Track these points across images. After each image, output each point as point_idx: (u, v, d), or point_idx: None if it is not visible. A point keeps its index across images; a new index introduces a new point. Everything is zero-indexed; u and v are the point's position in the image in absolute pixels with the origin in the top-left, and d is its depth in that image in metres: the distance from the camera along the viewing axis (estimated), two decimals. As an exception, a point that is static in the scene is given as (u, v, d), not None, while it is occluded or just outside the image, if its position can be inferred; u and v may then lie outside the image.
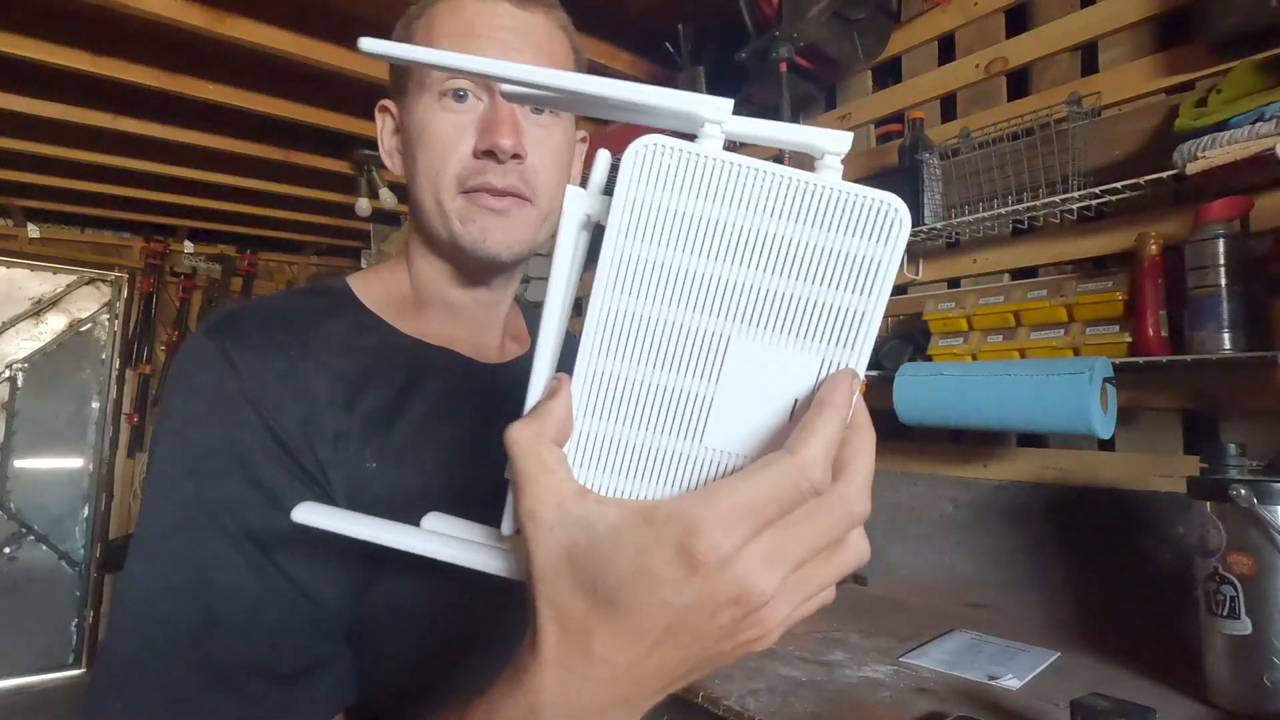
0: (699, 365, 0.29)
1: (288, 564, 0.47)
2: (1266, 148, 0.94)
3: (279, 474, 0.48)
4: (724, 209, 0.28)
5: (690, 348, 0.29)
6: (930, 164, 1.39)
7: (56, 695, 3.33)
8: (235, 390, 0.48)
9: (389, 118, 0.64)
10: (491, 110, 0.57)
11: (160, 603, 0.45)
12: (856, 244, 0.28)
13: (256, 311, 0.54)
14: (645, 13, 1.80)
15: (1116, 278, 1.18)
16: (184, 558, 0.45)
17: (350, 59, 1.82)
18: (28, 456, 3.47)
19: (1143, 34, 1.23)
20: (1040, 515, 1.30)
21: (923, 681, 0.99)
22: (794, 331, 0.29)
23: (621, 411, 0.30)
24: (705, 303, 0.29)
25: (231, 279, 3.94)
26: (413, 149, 0.59)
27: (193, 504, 0.46)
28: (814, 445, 0.27)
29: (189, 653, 0.44)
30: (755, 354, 0.29)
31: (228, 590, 0.45)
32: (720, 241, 0.28)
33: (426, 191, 0.58)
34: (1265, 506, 0.83)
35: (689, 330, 0.29)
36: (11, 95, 2.02)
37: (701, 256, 0.28)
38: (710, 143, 0.29)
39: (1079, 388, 1.06)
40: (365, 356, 0.55)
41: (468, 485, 0.57)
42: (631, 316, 0.29)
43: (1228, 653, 0.87)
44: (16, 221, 3.39)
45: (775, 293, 0.29)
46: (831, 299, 0.29)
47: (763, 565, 0.27)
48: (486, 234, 0.57)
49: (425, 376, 0.58)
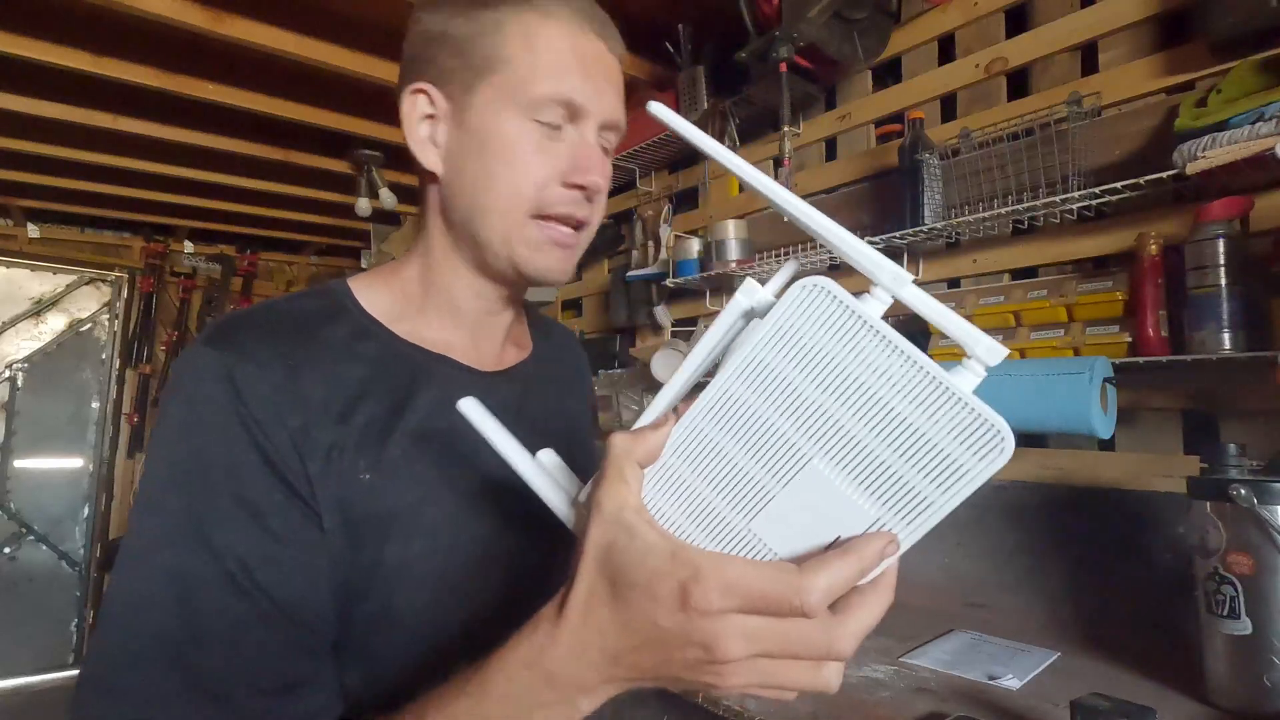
0: (777, 467, 0.34)
1: (271, 584, 0.47)
2: (1266, 148, 0.94)
3: (267, 494, 0.48)
4: (859, 365, 0.33)
5: (777, 451, 0.34)
6: (930, 164, 1.39)
7: (56, 695, 3.33)
8: (230, 406, 0.48)
9: (424, 100, 0.59)
10: (585, 144, 0.58)
11: (144, 613, 0.45)
12: (957, 449, 0.32)
13: (258, 318, 0.54)
14: (645, 13, 1.80)
15: (1116, 278, 1.18)
16: (169, 570, 0.45)
17: (350, 59, 1.81)
18: (28, 456, 3.47)
19: (1143, 34, 1.23)
20: (1040, 515, 1.30)
21: (923, 681, 0.99)
22: (867, 485, 0.33)
23: (702, 466, 0.35)
24: (806, 425, 0.34)
25: (231, 279, 3.93)
26: (486, 159, 0.57)
27: (180, 517, 0.46)
28: (819, 578, 0.32)
29: (173, 664, 0.44)
30: (825, 483, 0.34)
31: (211, 607, 0.45)
32: (842, 386, 0.33)
33: (496, 209, 0.57)
34: (1265, 506, 0.83)
35: (783, 438, 0.34)
36: (11, 95, 2.02)
37: (821, 389, 0.33)
38: (875, 305, 0.34)
39: (1079, 388, 1.06)
40: (362, 365, 0.55)
41: (462, 494, 0.57)
42: (744, 405, 0.34)
43: (1228, 653, 0.87)
44: (16, 221, 3.39)
45: (868, 449, 0.33)
46: (912, 479, 0.33)
47: (736, 634, 0.32)
48: (552, 264, 0.59)
49: (422, 385, 0.57)
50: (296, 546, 0.49)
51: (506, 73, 0.56)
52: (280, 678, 0.47)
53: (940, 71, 1.52)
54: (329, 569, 0.50)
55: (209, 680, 0.44)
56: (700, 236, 1.93)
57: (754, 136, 1.90)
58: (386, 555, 0.52)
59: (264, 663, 0.46)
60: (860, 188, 1.67)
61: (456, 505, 0.56)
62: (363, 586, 0.51)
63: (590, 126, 0.58)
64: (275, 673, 0.47)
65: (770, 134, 1.85)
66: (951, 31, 1.50)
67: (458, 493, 0.57)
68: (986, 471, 0.32)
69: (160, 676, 0.44)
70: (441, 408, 0.58)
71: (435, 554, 0.54)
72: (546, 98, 0.55)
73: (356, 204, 2.61)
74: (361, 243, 3.65)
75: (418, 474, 0.55)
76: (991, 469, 0.32)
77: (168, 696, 0.44)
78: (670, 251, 2.00)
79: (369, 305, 0.59)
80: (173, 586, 0.45)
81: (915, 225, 1.40)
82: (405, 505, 0.53)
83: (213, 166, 2.64)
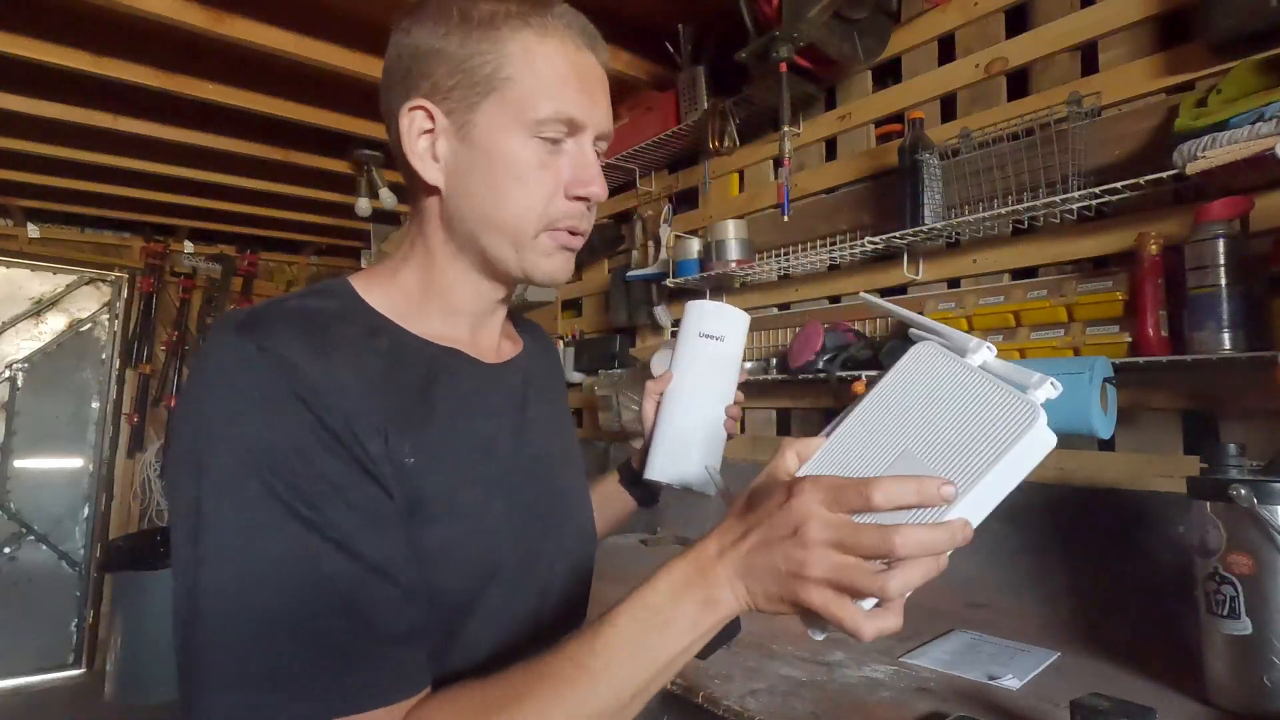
0: (884, 452, 0.50)
1: (370, 548, 0.49)
2: (1266, 148, 0.94)
3: (338, 466, 0.49)
4: (956, 397, 0.48)
5: (884, 444, 0.50)
6: (930, 164, 1.39)
7: (56, 695, 3.33)
8: (283, 387, 0.49)
9: (422, 117, 0.59)
10: (583, 156, 0.61)
11: (253, 598, 0.45)
12: (999, 423, 0.45)
13: (279, 311, 0.54)
14: (645, 13, 1.80)
15: (1116, 278, 1.18)
16: (268, 552, 0.46)
17: (350, 59, 1.81)
18: (28, 456, 3.47)
19: (1143, 34, 1.23)
20: (1040, 515, 1.30)
21: (923, 681, 0.99)
22: (939, 458, 0.47)
23: (838, 460, 0.52)
24: (904, 424, 0.50)
25: (232, 279, 3.94)
26: (494, 177, 0.59)
27: (265, 501, 0.47)
28: (882, 483, 0.43)
29: (298, 636, 0.45)
30: (913, 460, 0.48)
31: (323, 575, 0.47)
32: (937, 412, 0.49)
33: (508, 223, 0.60)
34: (1265, 506, 0.83)
35: (888, 435, 0.50)
36: (11, 95, 2.02)
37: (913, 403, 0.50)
38: (974, 357, 0.50)
39: (1079, 388, 1.06)
40: (380, 359, 0.56)
41: (484, 475, 0.60)
42: (869, 424, 0.52)
43: (1228, 653, 0.87)
44: (16, 221, 3.39)
45: (939, 432, 0.47)
46: (971, 447, 0.45)
47: (819, 521, 0.43)
48: (558, 268, 0.64)
49: (439, 375, 0.60)
50: (380, 516, 0.51)
51: (509, 91, 0.58)
52: (401, 625, 0.49)
53: (940, 71, 1.52)
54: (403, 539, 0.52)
55: (339, 641, 0.46)
56: (700, 236, 1.93)
57: (754, 136, 1.90)
58: (430, 536, 0.54)
59: (385, 614, 0.49)
60: (860, 188, 1.67)
61: (485, 489, 0.60)
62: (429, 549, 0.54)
63: (588, 139, 0.62)
64: (395, 622, 0.49)
65: (770, 134, 1.85)
66: (951, 31, 1.50)
67: (481, 478, 0.60)
68: (1025, 441, 0.44)
69: (292, 651, 0.45)
70: (463, 394, 0.61)
71: (469, 535, 0.57)
72: (550, 117, 0.58)
73: (356, 204, 2.61)
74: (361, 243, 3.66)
75: (451, 459, 0.57)
76: (1030, 439, 0.44)
77: (302, 668, 0.45)
78: (670, 251, 2.00)
79: (375, 303, 0.61)
80: (279, 566, 0.46)
81: (915, 225, 1.39)
82: (444, 488, 0.56)
83: (213, 166, 2.65)
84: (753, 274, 1.80)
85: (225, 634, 0.45)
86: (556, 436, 0.73)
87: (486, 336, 0.69)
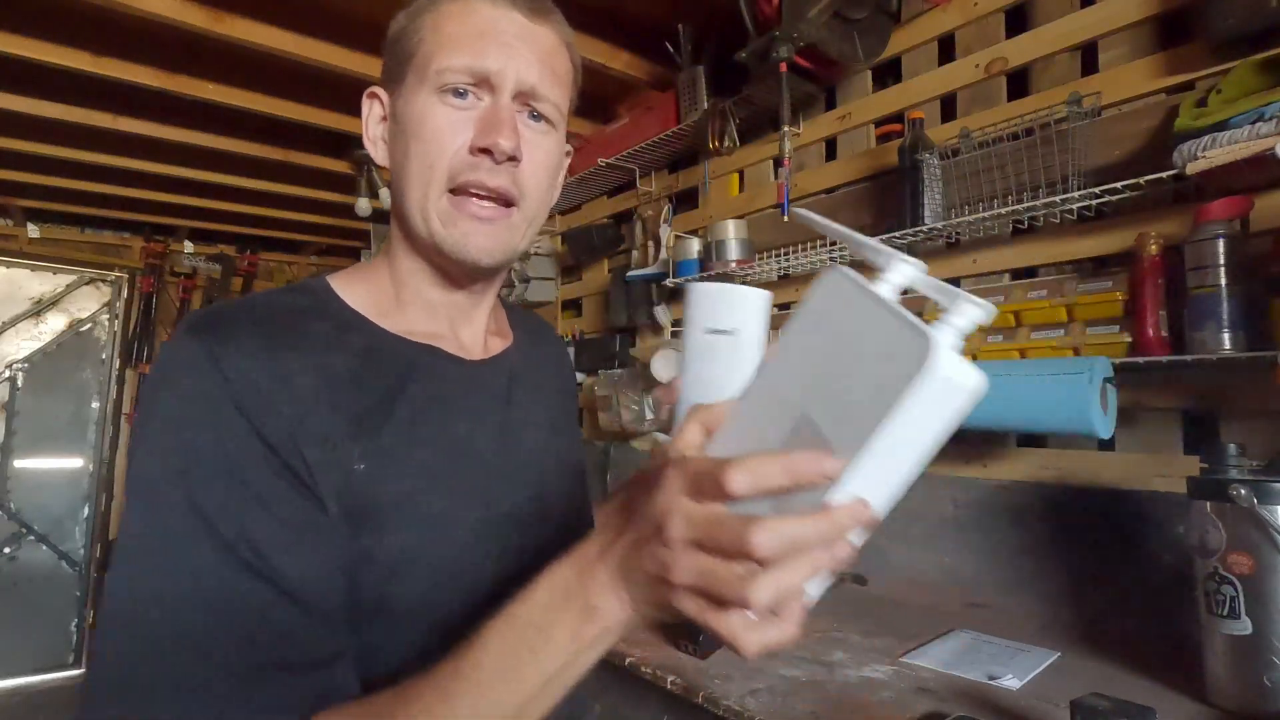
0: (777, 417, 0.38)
1: (287, 567, 0.47)
2: (1266, 148, 0.94)
3: (267, 478, 0.48)
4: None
5: (777, 406, 0.39)
6: (930, 164, 1.39)
7: (56, 695, 3.33)
8: (221, 394, 0.48)
9: (377, 104, 0.63)
10: (493, 110, 0.57)
11: (158, 609, 0.44)
12: (882, 364, 0.34)
13: (241, 309, 0.53)
14: (645, 13, 1.80)
15: (1116, 278, 1.18)
16: (178, 565, 0.45)
17: (350, 59, 1.81)
18: (28, 456, 3.47)
19: (1143, 34, 1.23)
20: (1040, 515, 1.30)
21: (923, 681, 0.99)
22: (829, 418, 0.35)
23: (740, 429, 0.41)
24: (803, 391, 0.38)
25: (232, 279, 3.93)
26: (405, 140, 0.58)
27: (183, 510, 0.46)
28: (743, 463, 0.34)
29: (198, 653, 0.44)
30: (809, 423, 0.36)
31: (230, 593, 0.45)
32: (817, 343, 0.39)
33: (414, 185, 0.58)
34: (1265, 506, 0.83)
35: (781, 394, 0.39)
36: (11, 95, 2.02)
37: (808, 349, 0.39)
38: (884, 282, 0.40)
39: (1079, 388, 1.06)
40: (351, 356, 0.55)
41: (456, 483, 0.57)
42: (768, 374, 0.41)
43: (1228, 653, 0.87)
44: (16, 221, 3.39)
45: (831, 383, 0.36)
46: (853, 400, 0.34)
47: (679, 513, 0.35)
48: (468, 239, 0.58)
49: (411, 375, 0.58)
50: (306, 531, 0.48)
51: (419, 58, 0.58)
52: (307, 654, 0.47)
53: (940, 71, 1.52)
54: (337, 553, 0.50)
55: (237, 664, 0.44)
56: (700, 236, 1.93)
57: (754, 136, 1.90)
58: (383, 545, 0.52)
59: (290, 641, 0.46)
60: (860, 188, 1.67)
61: (450, 494, 0.57)
62: (359, 576, 0.51)
63: (504, 94, 0.58)
64: (302, 650, 0.46)
65: (770, 134, 1.84)
66: (951, 31, 1.50)
67: (451, 482, 0.57)
68: (919, 391, 0.30)
69: (187, 668, 0.43)
70: (432, 395, 0.58)
71: (431, 544, 0.55)
72: (448, 68, 0.56)
73: (356, 204, 2.61)
74: (361, 243, 3.66)
75: (412, 464, 0.55)
76: (924, 387, 0.30)
77: (196, 686, 0.43)
78: (670, 251, 2.00)
79: (351, 301, 0.60)
80: (186, 579, 0.44)
81: (915, 225, 1.39)
82: (400, 495, 0.53)
83: (213, 166, 2.64)
84: (753, 274, 1.80)
85: (125, 644, 0.44)
86: (551, 437, 0.70)
87: (470, 332, 0.66)
